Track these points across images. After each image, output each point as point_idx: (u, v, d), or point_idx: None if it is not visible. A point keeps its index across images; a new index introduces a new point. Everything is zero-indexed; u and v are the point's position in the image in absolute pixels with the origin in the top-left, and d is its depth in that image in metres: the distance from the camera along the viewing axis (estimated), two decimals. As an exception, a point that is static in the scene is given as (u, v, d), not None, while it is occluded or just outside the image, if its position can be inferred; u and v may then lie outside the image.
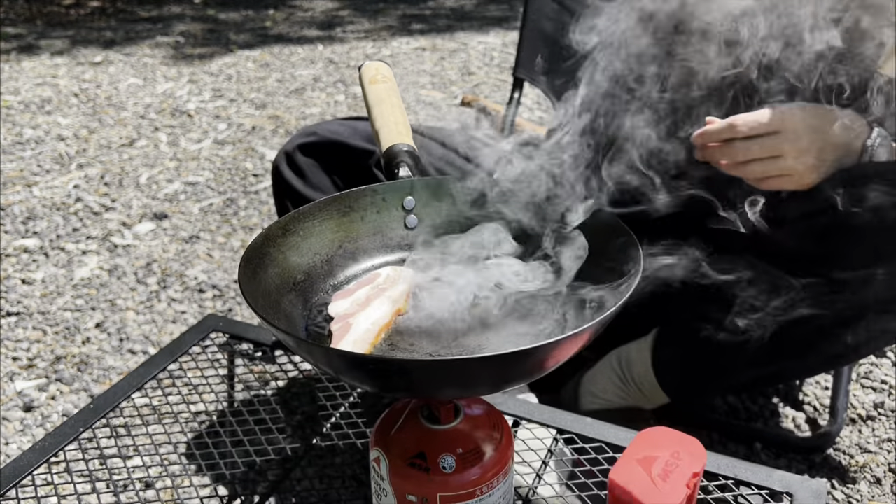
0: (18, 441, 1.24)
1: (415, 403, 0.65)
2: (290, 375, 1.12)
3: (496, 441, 0.64)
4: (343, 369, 0.54)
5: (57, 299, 1.67)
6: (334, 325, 0.65)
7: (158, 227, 2.01)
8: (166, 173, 2.35)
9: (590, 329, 0.51)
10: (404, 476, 0.62)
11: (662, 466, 0.63)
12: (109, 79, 3.33)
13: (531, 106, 2.78)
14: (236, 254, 1.87)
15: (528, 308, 0.66)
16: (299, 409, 1.24)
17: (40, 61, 3.61)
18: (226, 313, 1.61)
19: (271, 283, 0.66)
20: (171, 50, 3.83)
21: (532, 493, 0.79)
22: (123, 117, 2.86)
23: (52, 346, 1.50)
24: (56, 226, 2.00)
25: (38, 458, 0.79)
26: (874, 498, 1.11)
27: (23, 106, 2.97)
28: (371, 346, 0.63)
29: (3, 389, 1.37)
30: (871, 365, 1.40)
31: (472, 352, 0.61)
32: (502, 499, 0.65)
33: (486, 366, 0.49)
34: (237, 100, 3.04)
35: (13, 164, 2.42)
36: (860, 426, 1.25)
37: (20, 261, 1.83)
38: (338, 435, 0.96)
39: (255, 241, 0.66)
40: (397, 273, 0.70)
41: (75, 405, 1.32)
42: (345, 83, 3.22)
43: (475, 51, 3.66)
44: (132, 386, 0.90)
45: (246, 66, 3.51)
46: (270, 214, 2.06)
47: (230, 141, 2.60)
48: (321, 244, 0.73)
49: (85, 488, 1.09)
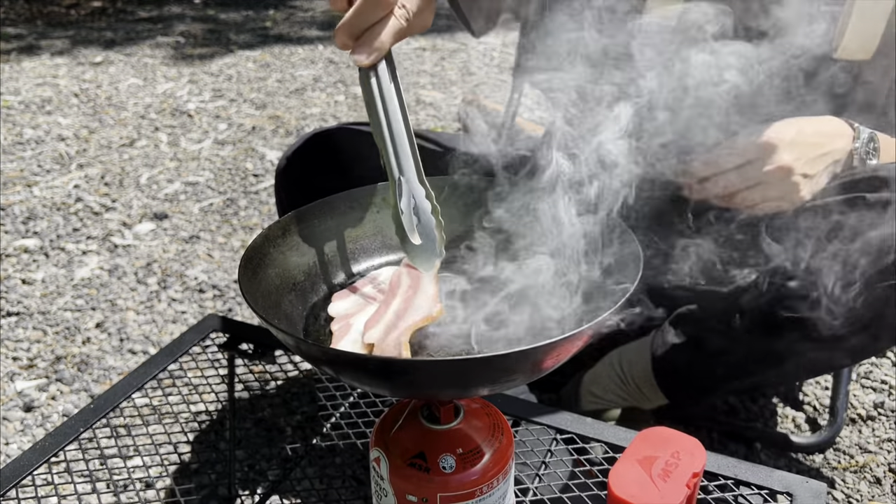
0: (18, 441, 1.24)
1: (415, 403, 0.65)
2: (290, 375, 1.12)
3: (496, 441, 0.64)
4: (343, 369, 0.55)
5: (57, 299, 1.67)
6: (334, 325, 0.65)
7: (159, 227, 2.01)
8: (166, 173, 2.35)
9: (589, 329, 0.51)
10: (404, 476, 0.62)
11: (662, 466, 0.63)
12: (110, 79, 3.33)
13: (531, 106, 2.78)
14: (236, 254, 1.87)
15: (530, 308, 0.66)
16: (299, 409, 1.24)
17: (40, 61, 3.61)
18: (226, 313, 1.61)
19: (271, 283, 0.66)
20: (172, 50, 3.83)
21: (532, 493, 0.79)
22: (124, 117, 2.86)
23: (52, 346, 1.50)
24: (56, 226, 2.00)
25: (38, 458, 0.79)
26: (874, 498, 1.11)
27: (23, 106, 2.97)
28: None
29: (3, 389, 1.37)
30: (871, 365, 1.40)
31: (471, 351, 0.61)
32: (502, 499, 0.65)
33: (485, 366, 0.49)
34: (237, 100, 3.04)
35: (13, 164, 2.42)
36: (860, 426, 1.25)
37: (20, 261, 1.83)
38: (338, 435, 0.96)
39: (255, 241, 0.66)
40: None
41: (75, 405, 1.32)
42: (345, 83, 3.22)
43: (475, 51, 3.66)
44: (132, 386, 0.90)
45: (246, 67, 3.51)
46: (270, 214, 2.06)
47: (230, 141, 2.60)
48: (321, 244, 0.73)
49: (85, 488, 1.09)
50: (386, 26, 0.61)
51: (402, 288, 0.67)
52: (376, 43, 0.61)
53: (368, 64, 0.62)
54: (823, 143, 0.86)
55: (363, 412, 0.95)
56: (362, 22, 0.61)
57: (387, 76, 0.64)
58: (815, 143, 0.85)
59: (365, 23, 0.61)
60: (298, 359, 1.05)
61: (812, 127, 0.86)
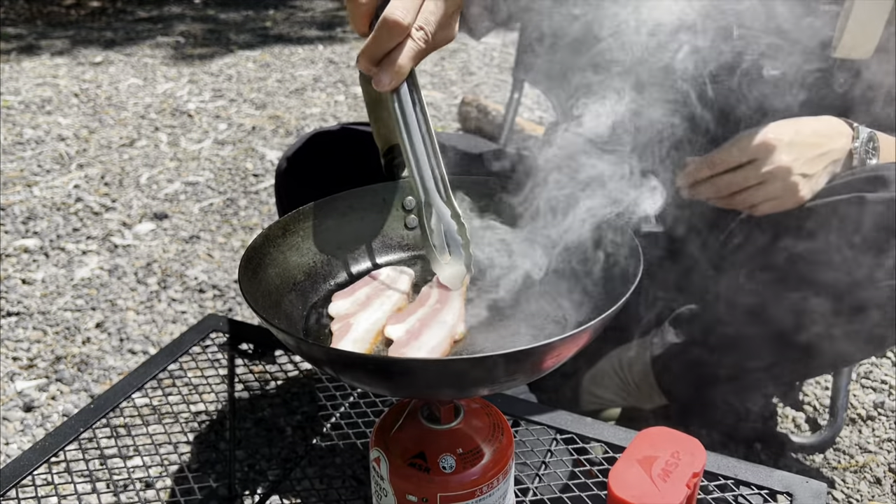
0: (19, 441, 1.24)
1: (415, 403, 0.65)
2: (290, 375, 1.12)
3: (496, 441, 0.64)
4: (343, 369, 0.55)
5: (57, 299, 1.67)
6: (334, 325, 0.65)
7: (159, 227, 2.01)
8: (166, 173, 2.35)
9: (589, 329, 0.51)
10: (404, 476, 0.62)
11: (662, 466, 0.63)
12: (110, 79, 3.33)
13: (531, 106, 2.78)
14: (236, 254, 1.87)
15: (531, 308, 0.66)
16: (299, 409, 1.24)
17: (41, 61, 3.61)
18: (226, 313, 1.61)
19: (271, 283, 0.66)
20: (172, 50, 3.83)
21: (532, 493, 0.79)
22: (124, 117, 2.86)
23: (52, 346, 1.50)
24: (56, 226, 2.00)
25: (38, 457, 0.79)
26: (874, 498, 1.11)
27: (23, 106, 2.97)
28: (371, 345, 0.63)
29: (3, 389, 1.37)
30: (871, 365, 1.40)
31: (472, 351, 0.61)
32: (502, 499, 0.65)
33: (485, 366, 0.49)
34: (237, 100, 3.04)
35: (13, 164, 2.42)
36: (860, 426, 1.25)
37: (20, 261, 1.83)
38: (338, 435, 0.96)
39: (255, 241, 0.66)
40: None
41: (75, 405, 1.32)
42: (345, 83, 3.22)
43: (475, 51, 3.66)
44: (132, 386, 0.90)
45: (246, 67, 3.51)
46: (270, 214, 2.06)
47: (230, 141, 2.60)
48: (321, 244, 0.73)
49: (85, 488, 1.09)
50: (403, 50, 0.61)
51: (431, 300, 0.68)
52: (395, 67, 0.61)
53: (389, 89, 0.62)
54: (822, 143, 0.86)
55: (363, 412, 0.95)
56: (380, 48, 0.61)
57: (408, 99, 0.64)
58: (813, 143, 0.85)
59: (383, 49, 0.61)
60: (298, 359, 1.05)
61: (810, 127, 0.86)
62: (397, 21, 0.60)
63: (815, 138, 0.86)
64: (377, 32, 0.61)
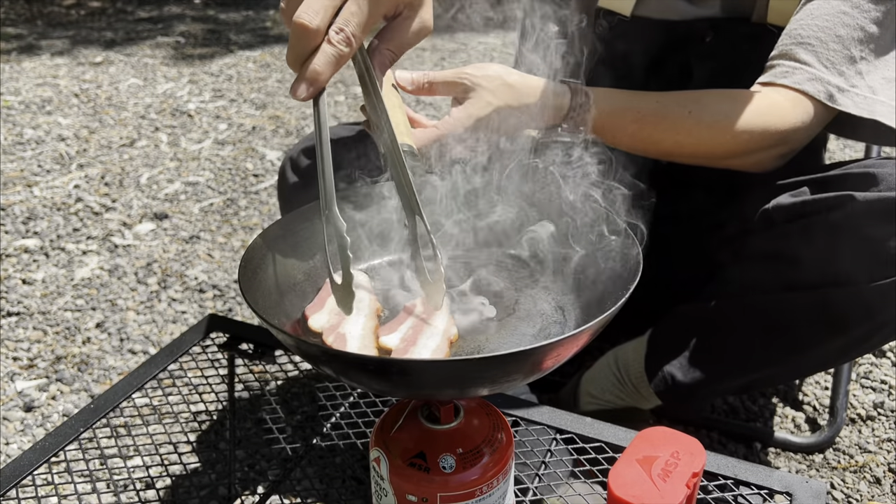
0: (19, 441, 1.24)
1: (415, 403, 0.65)
2: (290, 375, 1.12)
3: (496, 441, 0.64)
4: (343, 369, 0.55)
5: (57, 299, 1.67)
6: (328, 339, 0.63)
7: (159, 227, 2.01)
8: (167, 173, 2.35)
9: (589, 329, 0.52)
10: (404, 476, 0.62)
11: (662, 466, 0.63)
12: (110, 79, 3.33)
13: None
14: (236, 254, 1.87)
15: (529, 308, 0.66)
16: (299, 409, 1.24)
17: (41, 61, 3.61)
18: (226, 313, 1.61)
19: (271, 283, 0.66)
20: (172, 50, 3.84)
21: (532, 493, 0.79)
22: (124, 117, 2.86)
23: (52, 346, 1.50)
24: (56, 226, 2.00)
25: (38, 457, 0.79)
26: (874, 498, 1.11)
27: (23, 106, 2.97)
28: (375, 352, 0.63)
29: (3, 389, 1.37)
30: (871, 365, 1.40)
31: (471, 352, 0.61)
32: (502, 499, 0.65)
33: (485, 366, 0.49)
34: (237, 100, 3.04)
35: (13, 164, 2.42)
36: (860, 426, 1.25)
37: (20, 261, 1.83)
38: (338, 435, 0.96)
39: (255, 242, 0.66)
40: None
41: (75, 405, 1.32)
42: (345, 83, 3.22)
43: (475, 51, 3.66)
44: (132, 386, 0.90)
45: (246, 67, 3.51)
46: (270, 214, 2.06)
47: (230, 141, 2.60)
48: (321, 244, 0.73)
49: (85, 488, 1.09)
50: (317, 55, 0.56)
51: (417, 310, 0.67)
52: (308, 74, 0.56)
53: (304, 98, 0.57)
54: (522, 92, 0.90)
55: (363, 412, 0.95)
56: (295, 53, 0.56)
57: (326, 111, 0.59)
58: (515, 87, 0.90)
59: (298, 54, 0.56)
60: (298, 359, 1.05)
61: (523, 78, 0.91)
62: (303, 24, 0.54)
63: (520, 86, 0.90)
64: (290, 36, 0.56)
